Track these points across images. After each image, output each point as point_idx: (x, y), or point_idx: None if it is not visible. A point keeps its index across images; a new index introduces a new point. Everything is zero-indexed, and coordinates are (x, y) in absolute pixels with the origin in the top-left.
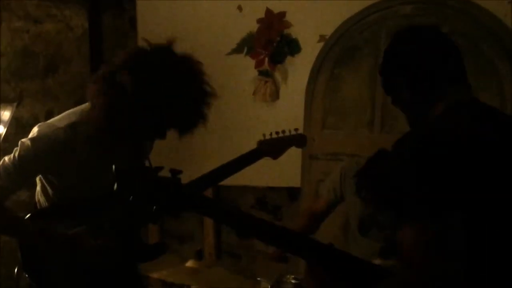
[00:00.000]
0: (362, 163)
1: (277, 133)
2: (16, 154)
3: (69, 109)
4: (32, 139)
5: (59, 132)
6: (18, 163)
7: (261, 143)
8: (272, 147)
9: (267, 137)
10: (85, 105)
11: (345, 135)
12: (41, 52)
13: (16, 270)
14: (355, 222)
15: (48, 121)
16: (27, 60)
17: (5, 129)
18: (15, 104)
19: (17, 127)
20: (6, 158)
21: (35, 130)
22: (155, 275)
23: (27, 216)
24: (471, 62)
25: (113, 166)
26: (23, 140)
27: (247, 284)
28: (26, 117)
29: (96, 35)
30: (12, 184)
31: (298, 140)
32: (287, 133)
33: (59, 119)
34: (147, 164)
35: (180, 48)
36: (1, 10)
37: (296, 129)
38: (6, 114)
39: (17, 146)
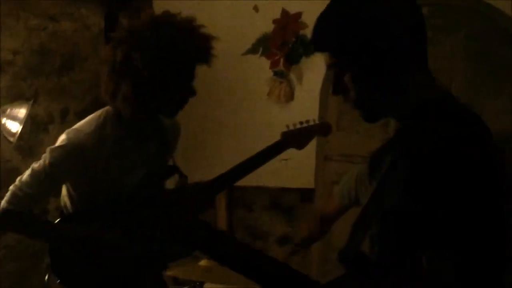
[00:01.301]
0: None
1: (301, 123)
2: (47, 162)
3: (84, 107)
4: (61, 147)
5: (88, 138)
6: (49, 169)
7: (285, 134)
8: (296, 137)
9: (291, 127)
10: (107, 107)
11: (360, 136)
12: (57, 50)
13: (46, 274)
14: None
15: (76, 126)
16: (43, 58)
17: (21, 126)
18: (31, 102)
19: (32, 124)
20: (35, 165)
21: (63, 137)
22: (169, 272)
23: (57, 221)
24: (486, 65)
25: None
26: (52, 147)
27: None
28: (42, 114)
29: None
30: (42, 191)
31: (322, 128)
32: (311, 123)
33: (86, 124)
34: (171, 163)
35: None
36: (18, 8)
37: (321, 118)
38: (22, 112)
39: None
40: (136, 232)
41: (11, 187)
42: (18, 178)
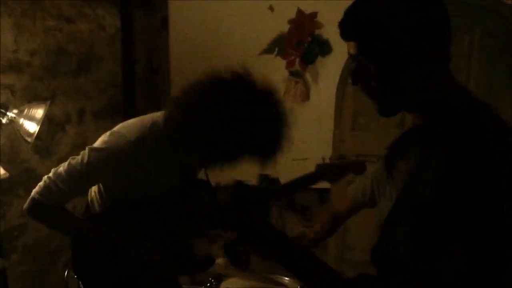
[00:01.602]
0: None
1: (337, 158)
2: (84, 161)
3: (101, 107)
4: (102, 149)
5: (130, 146)
6: (86, 170)
7: (319, 167)
8: (329, 172)
9: (326, 161)
10: (157, 117)
11: (375, 136)
12: (74, 51)
13: (66, 272)
14: None
15: (118, 129)
16: (60, 58)
17: (38, 127)
18: (48, 102)
19: (50, 125)
20: (72, 161)
21: (105, 139)
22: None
23: (83, 218)
24: (503, 65)
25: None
26: (92, 147)
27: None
28: (59, 115)
29: (128, 34)
30: (75, 189)
31: (356, 167)
32: (346, 159)
33: (129, 130)
34: (203, 176)
35: (211, 47)
36: (35, 9)
37: (356, 156)
38: (40, 112)
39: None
40: (160, 236)
41: (45, 178)
42: (53, 171)
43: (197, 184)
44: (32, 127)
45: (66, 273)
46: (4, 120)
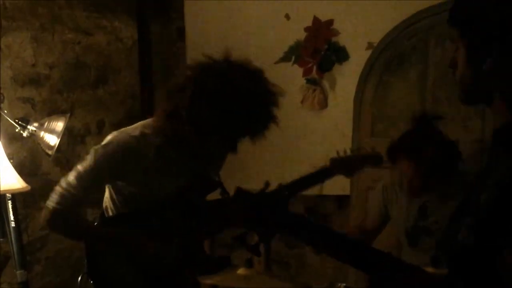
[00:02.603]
0: (400, 178)
1: (352, 151)
2: (92, 160)
3: (120, 119)
4: (105, 145)
5: (132, 140)
6: (94, 168)
7: (334, 160)
8: (345, 165)
9: (341, 154)
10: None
11: None
12: (92, 63)
13: (80, 276)
14: (402, 236)
15: (122, 129)
16: (78, 71)
17: (59, 139)
18: (68, 115)
19: (70, 137)
20: (80, 167)
21: (108, 137)
22: (208, 281)
23: (96, 223)
24: None
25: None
26: (96, 147)
27: None
28: (78, 127)
29: (145, 45)
30: (87, 190)
31: (373, 158)
32: (362, 151)
33: (132, 129)
34: (215, 178)
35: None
36: (53, 22)
37: (373, 148)
38: (60, 125)
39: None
40: (174, 239)
41: (57, 188)
42: (63, 179)
43: (210, 185)
44: (52, 140)
45: (79, 278)
46: (25, 134)
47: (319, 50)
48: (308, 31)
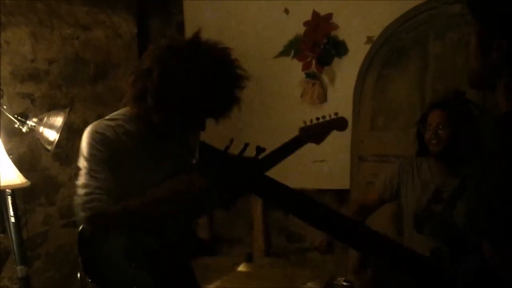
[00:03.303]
0: (419, 161)
1: (317, 118)
2: (87, 155)
3: None
4: (89, 134)
5: (109, 128)
6: (92, 162)
7: (302, 129)
8: (314, 133)
9: (308, 123)
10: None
11: (394, 136)
12: (91, 59)
13: (79, 273)
14: (410, 220)
15: (94, 122)
16: (77, 66)
17: (58, 135)
18: (67, 110)
19: (69, 132)
20: (80, 165)
21: (85, 131)
22: (211, 286)
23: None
24: None
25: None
26: (81, 147)
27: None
28: (77, 122)
29: (144, 40)
30: (104, 182)
31: (338, 123)
32: (327, 118)
33: (107, 118)
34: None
35: None
36: (52, 18)
37: (336, 113)
38: (59, 120)
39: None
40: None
41: (76, 198)
42: (77, 189)
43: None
44: (52, 135)
45: (78, 275)
46: (24, 129)
47: (319, 44)
48: (308, 25)
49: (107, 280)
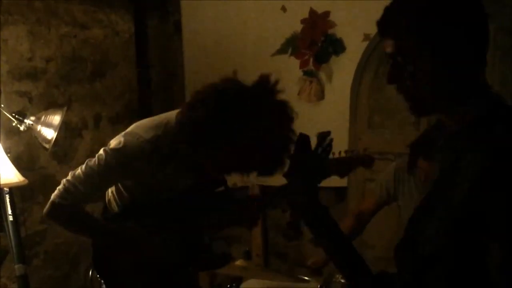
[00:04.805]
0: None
1: (346, 152)
2: (102, 162)
3: (116, 112)
4: (119, 150)
5: (146, 145)
6: (103, 170)
7: (328, 162)
8: (339, 166)
9: (336, 155)
10: (171, 116)
11: (391, 133)
12: (89, 57)
13: (90, 272)
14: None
15: (133, 129)
16: (75, 65)
17: (56, 133)
18: (65, 108)
19: (67, 131)
20: (90, 163)
21: (121, 139)
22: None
23: (102, 217)
24: None
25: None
26: (108, 148)
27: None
28: (75, 121)
29: (142, 39)
30: (94, 190)
31: (365, 160)
32: (355, 153)
33: (145, 130)
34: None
35: (225, 49)
36: (50, 16)
37: (364, 149)
38: (57, 119)
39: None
40: (179, 234)
41: (64, 181)
42: (71, 173)
43: (213, 184)
44: (49, 134)
45: (90, 273)
46: (22, 128)
47: (316, 42)
48: (305, 23)
49: (117, 279)
